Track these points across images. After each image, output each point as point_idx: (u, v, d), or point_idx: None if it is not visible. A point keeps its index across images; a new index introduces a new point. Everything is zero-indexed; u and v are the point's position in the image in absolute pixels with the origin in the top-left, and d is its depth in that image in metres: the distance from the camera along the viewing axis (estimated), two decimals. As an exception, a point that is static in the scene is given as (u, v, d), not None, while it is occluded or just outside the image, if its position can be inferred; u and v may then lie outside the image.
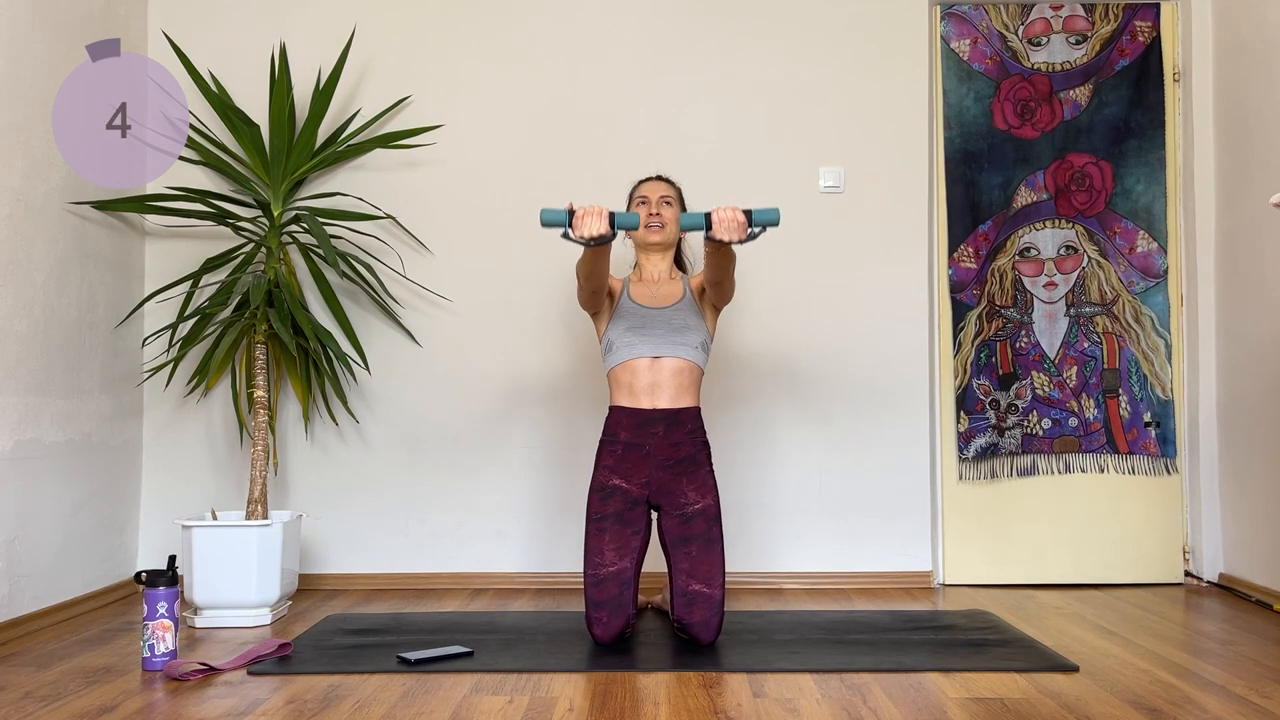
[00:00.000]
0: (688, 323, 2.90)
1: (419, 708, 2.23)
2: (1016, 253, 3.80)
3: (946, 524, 3.75)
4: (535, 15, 3.77)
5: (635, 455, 2.85)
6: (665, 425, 2.85)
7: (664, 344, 2.87)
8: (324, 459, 3.70)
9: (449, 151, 3.74)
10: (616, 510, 2.82)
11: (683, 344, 2.88)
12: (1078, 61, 3.81)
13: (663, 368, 2.87)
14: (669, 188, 3.06)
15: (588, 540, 2.82)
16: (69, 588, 3.22)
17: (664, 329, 2.88)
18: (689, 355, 2.88)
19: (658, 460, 2.84)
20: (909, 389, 3.71)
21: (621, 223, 2.61)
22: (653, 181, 3.09)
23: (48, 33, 3.13)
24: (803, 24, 3.77)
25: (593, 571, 2.79)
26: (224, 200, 3.44)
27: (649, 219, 2.98)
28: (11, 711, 2.21)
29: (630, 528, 2.82)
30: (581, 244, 2.60)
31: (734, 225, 2.57)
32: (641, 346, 2.87)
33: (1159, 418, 3.77)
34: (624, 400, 2.88)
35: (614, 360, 2.90)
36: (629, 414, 2.86)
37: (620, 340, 2.89)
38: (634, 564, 2.80)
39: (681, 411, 2.87)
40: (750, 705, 2.24)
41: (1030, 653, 2.66)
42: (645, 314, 2.91)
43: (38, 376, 3.06)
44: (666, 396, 2.86)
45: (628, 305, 2.94)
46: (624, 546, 2.80)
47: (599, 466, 2.88)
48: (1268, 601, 3.31)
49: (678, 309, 2.92)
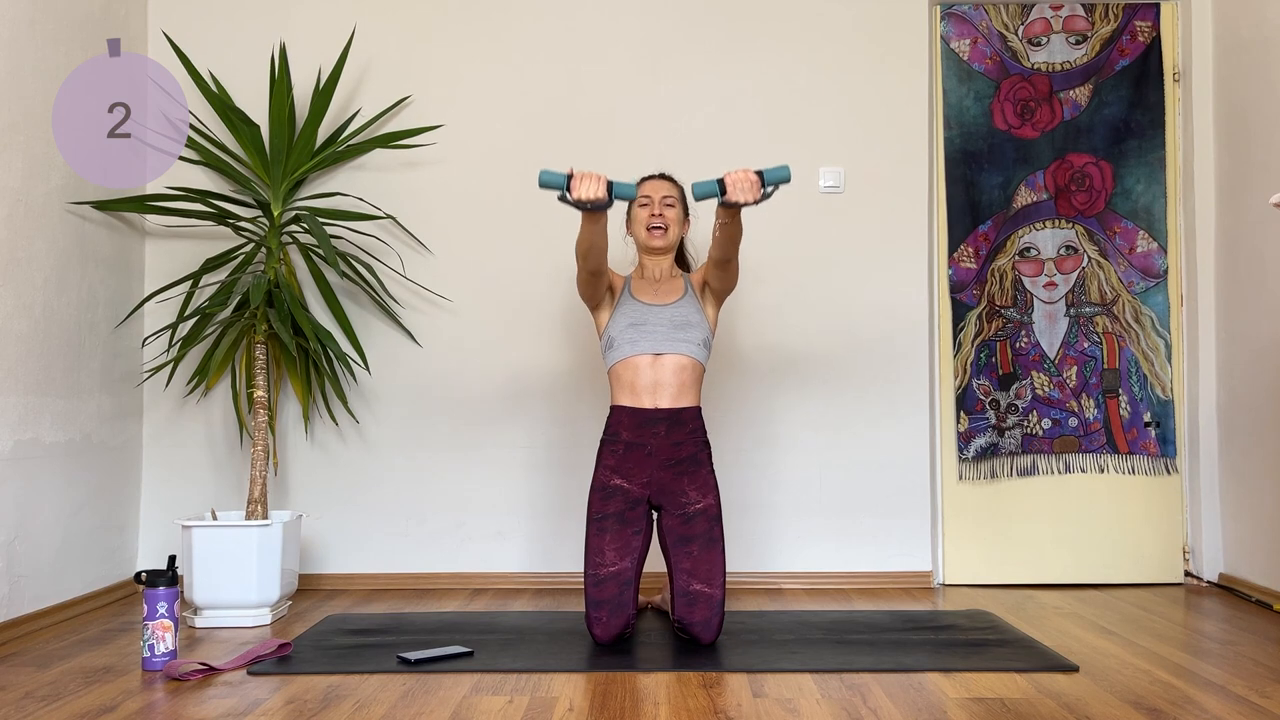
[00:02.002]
0: (689, 319, 2.89)
1: (419, 708, 2.23)
2: (1016, 253, 3.80)
3: (946, 524, 3.75)
4: (535, 15, 3.77)
5: (637, 455, 2.84)
6: (667, 425, 2.85)
7: (665, 340, 2.86)
8: (324, 459, 3.70)
9: (449, 151, 3.74)
10: (617, 510, 2.82)
11: (685, 340, 2.87)
12: (1078, 61, 3.81)
13: (664, 365, 2.86)
14: (672, 187, 3.01)
15: (588, 540, 2.82)
16: (69, 588, 3.22)
17: (666, 325, 2.87)
18: (691, 352, 2.88)
19: (659, 460, 2.84)
20: (909, 389, 3.71)
21: (619, 192, 2.60)
22: (655, 180, 3.02)
23: (48, 33, 3.13)
24: (803, 24, 3.77)
25: (593, 571, 2.78)
26: (224, 200, 3.44)
27: (651, 220, 2.94)
28: (11, 711, 2.21)
29: (631, 527, 2.82)
30: (577, 207, 2.59)
31: (748, 185, 2.60)
32: (643, 343, 2.86)
33: (1159, 418, 3.77)
34: (625, 399, 2.87)
35: (615, 357, 2.89)
36: (630, 413, 2.86)
37: (621, 337, 2.88)
38: (635, 564, 2.80)
39: (683, 411, 2.87)
40: (750, 705, 2.24)
41: (1030, 653, 2.66)
42: (647, 310, 2.90)
43: (38, 376, 3.06)
44: (668, 395, 2.85)
45: (629, 301, 2.93)
46: (625, 546, 2.80)
47: (600, 466, 2.87)
48: (1268, 601, 3.31)
49: (679, 305, 2.91)
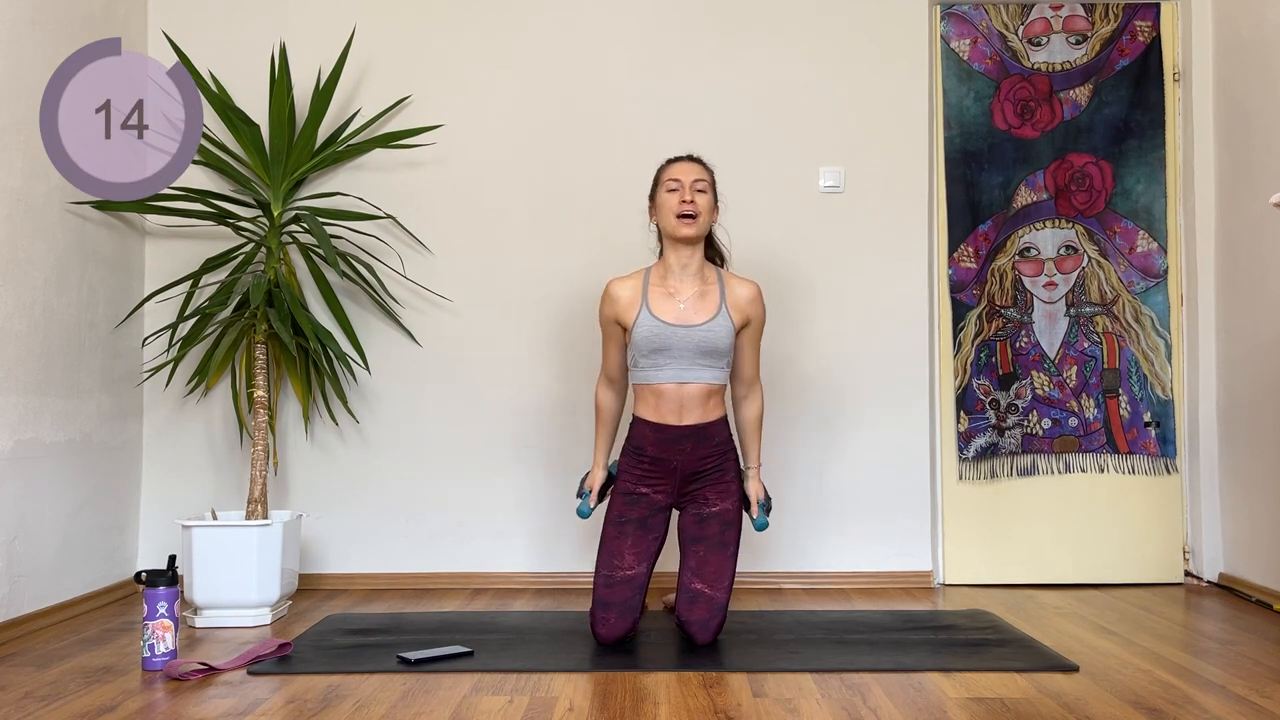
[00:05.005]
0: (718, 345, 2.75)
1: (419, 708, 2.23)
2: (1016, 253, 3.80)
3: (946, 524, 3.75)
4: (535, 15, 3.77)
5: (662, 469, 2.80)
6: (693, 441, 2.79)
7: (690, 368, 2.75)
8: (324, 459, 3.70)
9: (449, 151, 3.74)
10: (640, 516, 2.80)
11: (710, 366, 2.77)
12: (1078, 61, 3.81)
13: (689, 392, 2.77)
14: (703, 171, 2.82)
15: (607, 541, 2.79)
16: (69, 588, 3.22)
17: (692, 351, 2.74)
18: (716, 379, 2.79)
19: (684, 473, 2.81)
20: (909, 389, 3.71)
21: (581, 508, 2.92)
22: (684, 163, 2.84)
23: (48, 33, 3.13)
24: (803, 24, 3.77)
25: (608, 573, 2.76)
26: (224, 200, 3.44)
27: (682, 208, 2.74)
28: (11, 711, 2.21)
29: (651, 534, 2.81)
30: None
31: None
32: (668, 370, 2.75)
33: (1159, 417, 3.77)
34: (649, 415, 2.81)
35: (637, 378, 2.82)
36: (655, 428, 2.79)
37: (645, 361, 2.77)
38: (649, 569, 2.80)
39: (709, 426, 2.80)
40: (750, 705, 2.24)
41: (1030, 653, 2.66)
42: (670, 333, 2.74)
43: (38, 376, 3.06)
44: (694, 415, 2.78)
45: (648, 324, 2.75)
46: (644, 552, 2.78)
47: (624, 471, 2.84)
48: (1268, 601, 3.31)
49: (710, 328, 2.74)
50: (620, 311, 2.82)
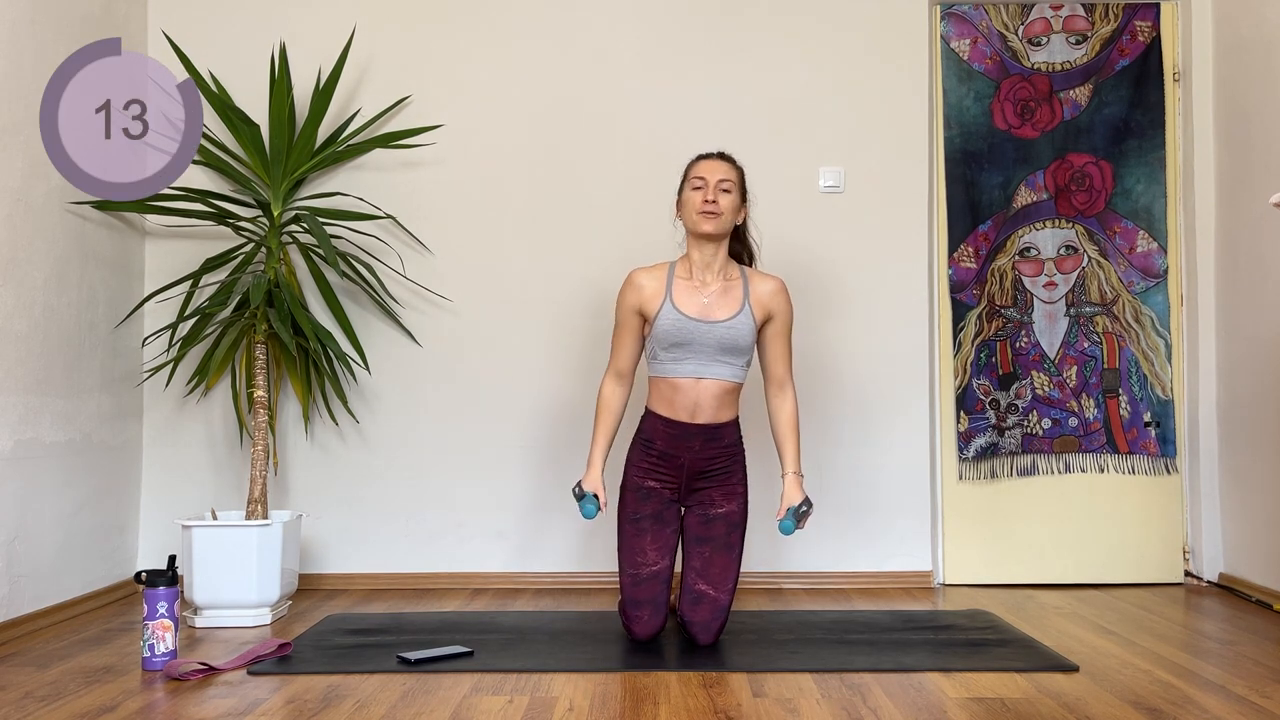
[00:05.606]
0: (739, 343, 2.75)
1: (419, 708, 2.23)
2: (1016, 253, 3.80)
3: (946, 524, 3.75)
4: (536, 15, 3.77)
5: (671, 464, 2.81)
6: (703, 440, 2.80)
7: (710, 365, 2.76)
8: (324, 459, 3.70)
9: (449, 151, 3.74)
10: (654, 510, 2.81)
11: (729, 364, 2.77)
12: (1078, 61, 3.81)
13: (706, 388, 2.77)
14: (731, 170, 2.81)
15: (627, 539, 2.79)
16: (69, 588, 3.22)
17: (713, 348, 2.75)
18: (735, 376, 2.79)
19: (692, 471, 2.82)
20: (909, 389, 3.71)
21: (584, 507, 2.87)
22: (712, 160, 2.83)
23: (48, 33, 3.13)
24: (803, 24, 3.77)
25: (634, 571, 2.76)
26: (224, 200, 3.44)
27: (704, 206, 2.74)
28: (11, 711, 2.21)
29: (669, 527, 2.81)
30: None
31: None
32: (687, 364, 2.76)
33: (1159, 417, 3.77)
34: (662, 410, 2.81)
35: (655, 371, 2.82)
36: (666, 423, 2.80)
37: (665, 354, 2.77)
38: (671, 562, 2.81)
39: (721, 426, 2.81)
40: (750, 705, 2.24)
41: (1030, 653, 2.66)
42: (693, 327, 2.74)
43: (38, 376, 3.06)
44: (707, 413, 2.79)
45: (671, 317, 2.75)
46: (664, 545, 2.79)
47: (632, 465, 2.84)
48: (1268, 601, 3.31)
49: (733, 325, 2.75)
50: (645, 300, 2.81)
